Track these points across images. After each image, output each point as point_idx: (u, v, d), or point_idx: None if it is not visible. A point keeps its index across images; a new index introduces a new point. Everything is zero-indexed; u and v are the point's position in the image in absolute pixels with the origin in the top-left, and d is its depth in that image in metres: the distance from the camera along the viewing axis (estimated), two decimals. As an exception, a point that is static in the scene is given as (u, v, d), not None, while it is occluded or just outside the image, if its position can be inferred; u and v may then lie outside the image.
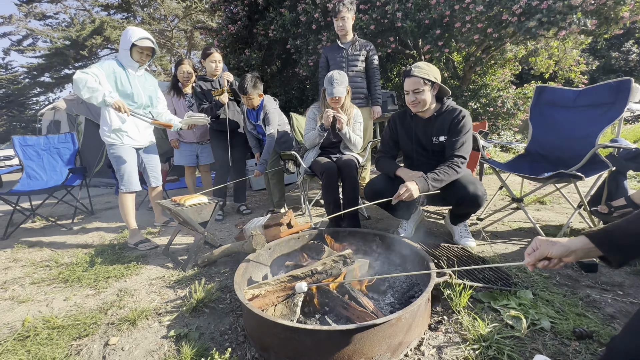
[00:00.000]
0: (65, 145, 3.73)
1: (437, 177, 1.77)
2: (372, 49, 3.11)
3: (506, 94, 5.52)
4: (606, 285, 1.52)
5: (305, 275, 1.37)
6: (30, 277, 2.10)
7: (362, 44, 3.09)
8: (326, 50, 3.20)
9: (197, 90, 2.95)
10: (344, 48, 3.06)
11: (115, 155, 2.42)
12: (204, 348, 1.26)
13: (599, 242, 0.82)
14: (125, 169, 2.44)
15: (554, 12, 3.27)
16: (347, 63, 3.06)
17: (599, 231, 0.84)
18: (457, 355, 1.15)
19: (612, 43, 16.17)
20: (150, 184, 2.74)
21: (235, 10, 5.35)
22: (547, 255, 0.90)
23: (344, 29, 3.01)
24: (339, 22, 2.99)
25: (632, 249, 0.80)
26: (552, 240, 0.90)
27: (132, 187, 2.48)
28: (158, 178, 2.76)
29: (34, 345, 1.35)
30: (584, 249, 0.84)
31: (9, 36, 18.89)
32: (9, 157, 9.94)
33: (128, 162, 2.46)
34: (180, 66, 3.07)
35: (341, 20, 2.97)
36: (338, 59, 3.07)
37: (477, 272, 1.57)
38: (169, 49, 18.67)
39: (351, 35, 3.08)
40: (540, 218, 2.50)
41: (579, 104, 2.35)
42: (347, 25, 3.00)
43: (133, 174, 2.49)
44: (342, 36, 3.08)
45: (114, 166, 2.46)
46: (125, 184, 2.46)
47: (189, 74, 3.07)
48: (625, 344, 0.80)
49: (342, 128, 2.41)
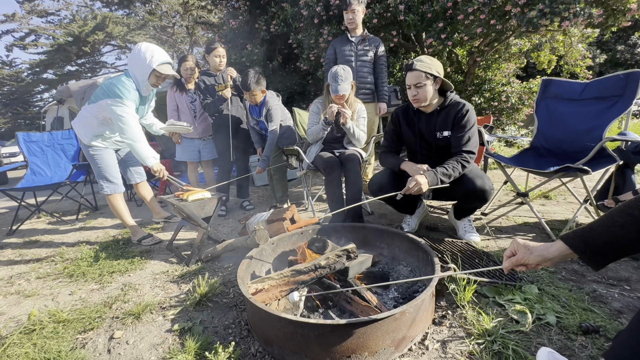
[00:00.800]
0: (69, 142, 3.74)
1: (447, 172, 1.74)
2: (381, 45, 3.09)
3: (510, 89, 5.45)
4: (613, 280, 1.50)
5: (308, 269, 1.36)
6: (35, 271, 2.12)
7: (372, 39, 3.08)
8: (335, 42, 3.15)
9: (200, 85, 2.94)
10: (353, 42, 3.05)
11: (97, 157, 2.32)
12: (207, 342, 1.26)
13: (576, 247, 0.81)
14: (109, 170, 2.36)
15: (556, 1, 3.20)
16: (356, 57, 3.05)
17: (575, 235, 0.82)
18: (461, 350, 1.14)
19: (619, 36, 15.89)
20: (135, 180, 2.66)
21: (237, 5, 5.30)
22: (523, 262, 0.90)
23: (354, 22, 2.98)
24: (349, 15, 2.95)
25: (610, 253, 0.78)
26: (530, 247, 0.90)
27: (118, 188, 2.42)
28: (141, 173, 2.70)
29: (40, 339, 1.36)
30: (561, 255, 0.84)
31: (12, 33, 18.95)
32: (14, 153, 10.00)
33: (111, 162, 2.38)
34: (184, 62, 3.05)
35: (352, 12, 2.93)
36: (347, 52, 3.05)
37: (481, 266, 1.56)
38: (171, 45, 18.63)
39: (361, 29, 3.07)
40: (546, 213, 2.48)
41: (586, 97, 2.31)
42: (357, 18, 2.97)
43: (117, 174, 2.42)
44: (352, 29, 3.05)
45: (95, 166, 2.34)
46: (110, 186, 2.38)
47: (192, 70, 3.06)
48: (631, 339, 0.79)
49: (346, 123, 2.39)
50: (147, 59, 2.09)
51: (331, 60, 3.16)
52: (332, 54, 3.16)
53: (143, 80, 2.16)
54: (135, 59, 2.12)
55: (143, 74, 2.14)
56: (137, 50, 2.12)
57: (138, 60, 2.11)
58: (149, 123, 2.61)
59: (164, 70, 2.13)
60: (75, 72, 19.98)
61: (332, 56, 3.16)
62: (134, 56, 2.13)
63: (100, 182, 2.37)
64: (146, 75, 2.13)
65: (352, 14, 2.94)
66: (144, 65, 2.10)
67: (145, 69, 2.11)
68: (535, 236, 2.06)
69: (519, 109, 5.45)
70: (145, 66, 2.10)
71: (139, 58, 2.10)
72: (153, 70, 2.12)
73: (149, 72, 2.12)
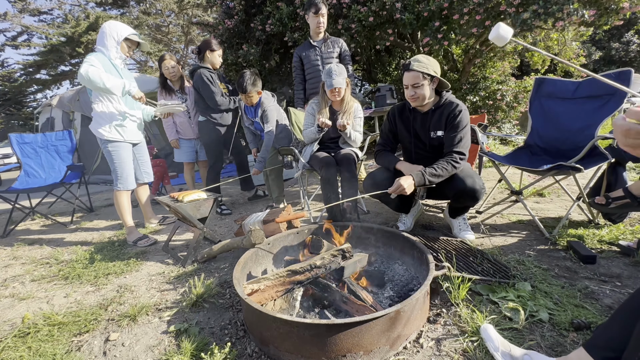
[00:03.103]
0: (63, 143, 3.71)
1: (435, 172, 1.76)
2: (344, 44, 3.14)
3: (506, 87, 5.48)
4: (604, 277, 1.52)
5: (304, 269, 1.37)
6: (30, 274, 2.11)
7: (334, 40, 3.11)
8: (299, 50, 3.16)
9: (205, 74, 2.84)
10: (316, 46, 3.05)
11: (115, 152, 2.38)
12: (204, 343, 1.27)
13: None
14: (125, 167, 2.42)
15: (550, 2, 3.23)
16: (322, 61, 3.06)
17: None
18: (455, 348, 1.15)
19: (613, 34, 16.03)
20: (144, 179, 2.70)
21: (232, 5, 5.28)
22: None
23: (323, 25, 3.00)
24: (318, 19, 2.95)
25: None
26: None
27: (129, 185, 2.46)
28: (150, 174, 2.75)
29: (35, 342, 1.36)
30: None
31: (4, 33, 18.70)
32: (7, 155, 9.89)
33: (128, 159, 2.44)
34: (163, 62, 2.97)
35: (322, 16, 2.95)
36: (312, 58, 3.06)
37: (475, 264, 1.57)
38: (166, 44, 18.50)
39: (323, 33, 3.08)
40: (540, 210, 2.50)
41: (579, 96, 2.33)
42: (325, 21, 3.00)
43: (131, 171, 2.47)
44: (316, 34, 3.06)
45: (111, 163, 2.41)
46: (123, 182, 2.43)
47: (174, 69, 3.01)
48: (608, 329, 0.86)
49: (344, 129, 2.41)
50: (115, 30, 2.29)
51: (298, 68, 3.17)
52: (298, 62, 3.16)
53: (116, 50, 2.32)
54: (105, 35, 2.29)
55: (116, 45, 2.30)
56: (104, 28, 2.30)
57: (109, 36, 2.28)
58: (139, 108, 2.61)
59: (134, 38, 2.35)
60: (69, 72, 19.77)
61: (298, 64, 3.16)
62: (102, 33, 2.30)
63: (114, 177, 2.44)
64: (118, 45, 2.31)
65: (323, 17, 2.96)
66: (115, 35, 2.28)
67: (118, 38, 2.29)
68: (528, 234, 2.08)
69: (514, 107, 5.49)
70: (116, 36, 2.29)
71: (108, 34, 2.28)
72: (125, 40, 2.32)
73: (120, 41, 2.30)
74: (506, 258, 1.75)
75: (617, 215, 2.03)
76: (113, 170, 2.43)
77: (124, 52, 2.36)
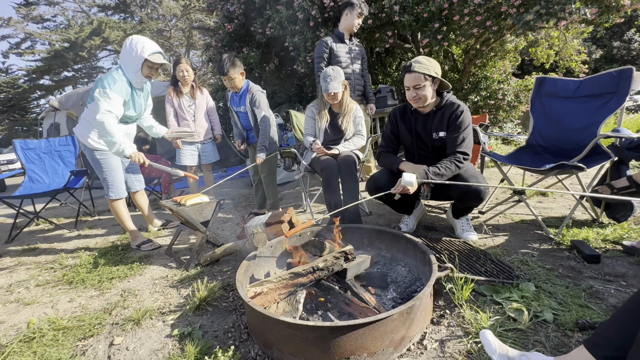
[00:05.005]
0: (67, 148, 3.74)
1: (439, 171, 1.76)
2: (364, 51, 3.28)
3: (507, 86, 5.47)
4: (609, 276, 1.51)
5: (306, 272, 1.37)
6: (35, 279, 2.12)
7: (359, 46, 3.22)
8: (332, 38, 3.10)
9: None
10: (348, 45, 3.13)
11: (104, 160, 2.31)
12: (207, 346, 1.27)
13: None
14: (114, 175, 2.36)
15: (552, 2, 3.23)
16: (352, 60, 3.13)
17: None
18: (459, 349, 1.15)
19: (614, 32, 15.97)
20: (136, 187, 2.67)
21: (232, 9, 5.31)
22: None
23: (357, 27, 3.07)
24: (358, 20, 3.02)
25: None
26: None
27: (121, 193, 2.42)
28: (141, 181, 2.72)
29: (40, 347, 1.37)
30: None
31: (8, 39, 18.92)
32: (12, 160, 9.98)
33: (117, 166, 2.38)
34: (179, 65, 3.04)
35: (361, 17, 3.02)
36: (345, 53, 3.11)
37: (478, 265, 1.57)
38: (168, 49, 18.64)
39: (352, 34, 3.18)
40: (543, 210, 2.49)
41: (580, 94, 2.33)
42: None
43: (122, 179, 2.43)
44: (347, 32, 3.12)
45: (100, 172, 2.33)
46: (115, 190, 2.38)
47: (187, 72, 3.04)
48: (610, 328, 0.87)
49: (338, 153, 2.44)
50: (138, 50, 2.12)
51: (322, 57, 3.04)
52: (324, 51, 3.03)
53: (136, 71, 2.18)
54: (127, 52, 2.15)
55: (135, 65, 2.16)
56: (128, 43, 2.15)
57: (129, 52, 2.13)
58: (149, 125, 2.61)
59: (155, 60, 2.16)
60: (72, 78, 19.97)
61: (323, 53, 3.04)
62: (125, 50, 2.16)
63: (104, 186, 2.39)
64: (138, 66, 2.16)
65: (361, 19, 3.02)
66: (135, 56, 2.13)
67: (137, 60, 2.14)
68: (532, 233, 2.07)
69: (515, 106, 5.48)
70: (137, 57, 2.13)
71: (130, 50, 2.13)
72: (145, 61, 2.15)
73: (140, 63, 2.15)
74: (509, 258, 1.74)
75: (621, 214, 2.02)
76: (103, 179, 2.36)
77: (145, 74, 2.21)
